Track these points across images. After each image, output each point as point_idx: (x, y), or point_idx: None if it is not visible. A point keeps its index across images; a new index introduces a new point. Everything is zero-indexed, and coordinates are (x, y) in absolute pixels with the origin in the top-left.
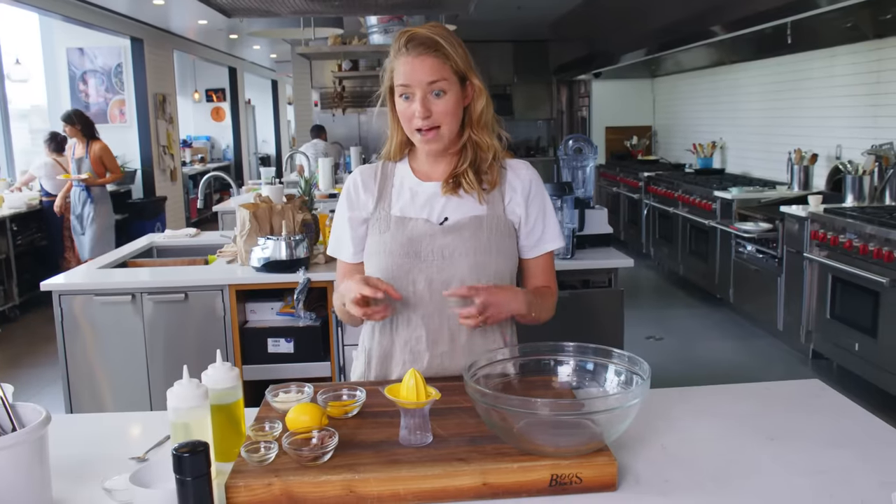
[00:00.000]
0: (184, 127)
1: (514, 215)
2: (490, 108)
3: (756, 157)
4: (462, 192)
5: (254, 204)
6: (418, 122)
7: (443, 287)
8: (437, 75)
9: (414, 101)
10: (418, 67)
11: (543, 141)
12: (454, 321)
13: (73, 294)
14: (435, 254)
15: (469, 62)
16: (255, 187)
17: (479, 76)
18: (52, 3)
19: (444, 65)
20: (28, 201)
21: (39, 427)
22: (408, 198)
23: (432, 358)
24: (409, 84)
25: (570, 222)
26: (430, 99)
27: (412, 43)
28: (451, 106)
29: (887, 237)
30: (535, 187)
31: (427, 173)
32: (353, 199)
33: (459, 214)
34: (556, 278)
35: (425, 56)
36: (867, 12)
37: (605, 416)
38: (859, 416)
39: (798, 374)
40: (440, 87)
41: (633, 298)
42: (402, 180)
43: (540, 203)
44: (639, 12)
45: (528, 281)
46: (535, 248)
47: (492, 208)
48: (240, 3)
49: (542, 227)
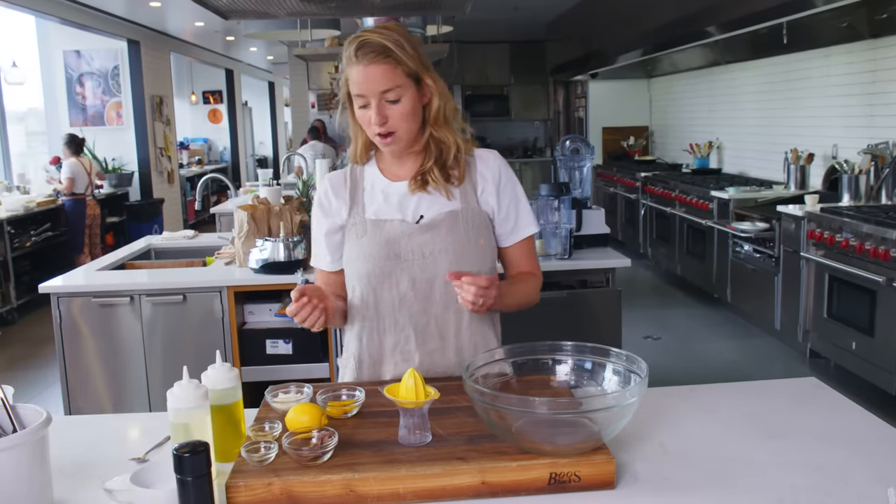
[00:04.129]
0: (181, 129)
1: (488, 206)
2: (450, 104)
3: (753, 156)
4: (431, 190)
5: (252, 206)
6: (376, 128)
7: (426, 286)
8: (389, 83)
9: (370, 109)
10: (370, 76)
11: (540, 141)
12: (442, 318)
13: (72, 296)
14: (415, 253)
15: (422, 61)
16: (253, 189)
17: (433, 73)
18: (49, 5)
19: (396, 70)
20: (25, 204)
21: (40, 428)
22: (381, 200)
23: (423, 356)
24: (362, 94)
25: (568, 222)
26: (385, 105)
27: (362, 51)
28: (408, 110)
29: (884, 236)
30: (505, 175)
31: (396, 173)
32: (326, 208)
33: (434, 211)
34: (538, 263)
35: (376, 64)
36: (863, 12)
37: (604, 414)
38: (856, 414)
39: (795, 372)
40: (394, 95)
41: (631, 298)
42: (373, 183)
43: (511, 190)
44: (635, 13)
45: (511, 268)
46: (512, 235)
47: (465, 201)
48: (237, 5)
49: (516, 214)
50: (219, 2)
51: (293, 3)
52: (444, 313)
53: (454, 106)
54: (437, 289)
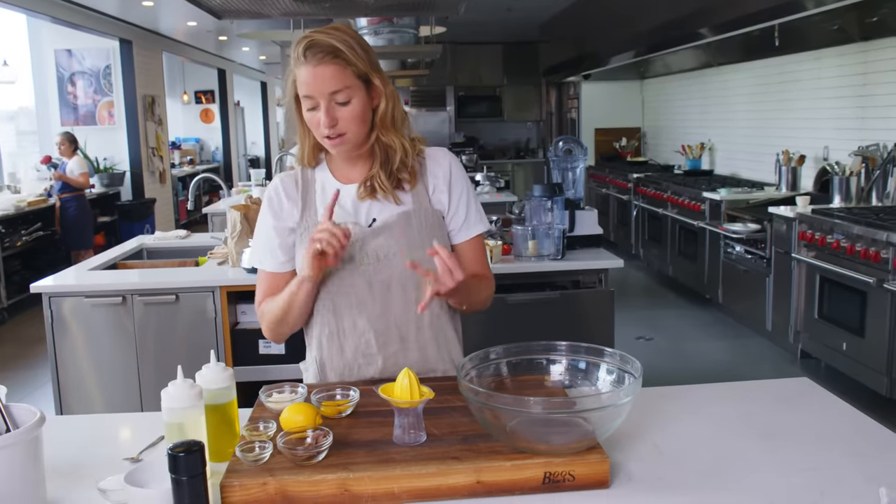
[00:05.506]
0: (173, 129)
1: (440, 203)
2: (398, 108)
3: (744, 158)
4: (379, 196)
5: (244, 206)
6: (325, 130)
7: (383, 288)
8: (338, 84)
9: (318, 111)
10: (319, 77)
11: (533, 143)
12: (401, 319)
13: (63, 296)
14: (370, 256)
15: (371, 63)
16: (246, 189)
17: (382, 75)
18: (41, 4)
19: (346, 70)
20: (16, 203)
21: (34, 428)
22: None
23: (385, 359)
24: (311, 95)
25: (561, 223)
26: (335, 107)
27: (311, 51)
28: (357, 112)
29: (874, 237)
30: (456, 171)
31: (347, 176)
32: (276, 209)
33: (387, 213)
34: (489, 266)
35: (325, 64)
36: (853, 15)
37: (598, 414)
38: (848, 414)
39: (786, 373)
40: (343, 96)
41: (623, 299)
42: (324, 186)
43: (461, 186)
44: (628, 14)
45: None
46: (462, 232)
47: (417, 202)
48: (230, 4)
49: (466, 210)
50: (212, 1)
51: (286, 4)
52: (404, 314)
53: (402, 110)
54: (395, 291)
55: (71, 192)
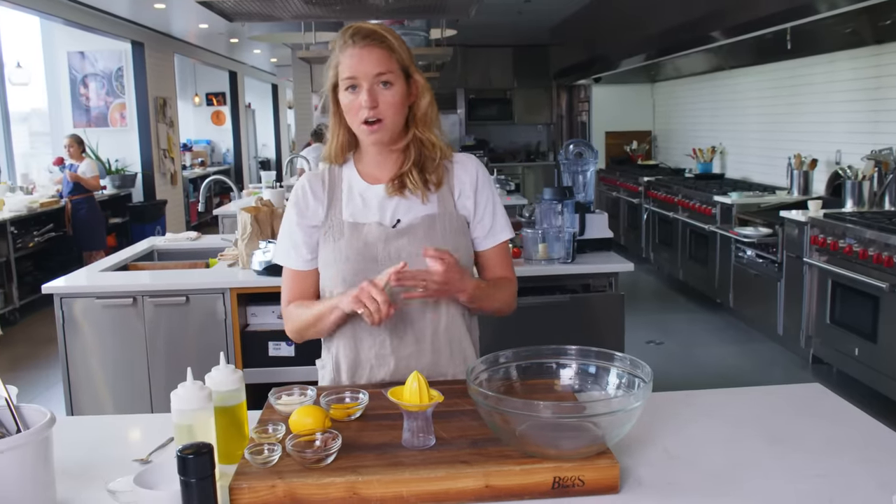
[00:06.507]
0: (184, 131)
1: (466, 209)
2: (434, 107)
3: (756, 162)
4: (408, 193)
5: (255, 207)
6: (365, 112)
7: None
8: (384, 67)
9: (360, 92)
10: (365, 58)
11: (543, 145)
12: (418, 322)
13: (75, 297)
14: (392, 257)
15: (412, 60)
16: (256, 191)
17: (421, 74)
18: (54, 6)
19: (391, 57)
20: (28, 204)
21: (44, 428)
22: (358, 202)
23: (398, 360)
24: (355, 76)
25: (571, 226)
26: (378, 89)
27: (358, 35)
28: (398, 98)
29: (887, 242)
30: (483, 178)
31: (374, 176)
32: (302, 208)
33: (412, 215)
34: (513, 269)
35: (372, 47)
36: (867, 18)
37: (608, 418)
38: (860, 420)
39: (798, 378)
40: (387, 78)
41: (634, 303)
42: (350, 185)
43: (488, 193)
44: (639, 17)
45: (486, 273)
46: (488, 239)
47: (443, 206)
48: (241, 7)
49: (493, 217)
50: (224, 4)
51: (297, 6)
52: (420, 317)
53: (437, 111)
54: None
55: (82, 194)
